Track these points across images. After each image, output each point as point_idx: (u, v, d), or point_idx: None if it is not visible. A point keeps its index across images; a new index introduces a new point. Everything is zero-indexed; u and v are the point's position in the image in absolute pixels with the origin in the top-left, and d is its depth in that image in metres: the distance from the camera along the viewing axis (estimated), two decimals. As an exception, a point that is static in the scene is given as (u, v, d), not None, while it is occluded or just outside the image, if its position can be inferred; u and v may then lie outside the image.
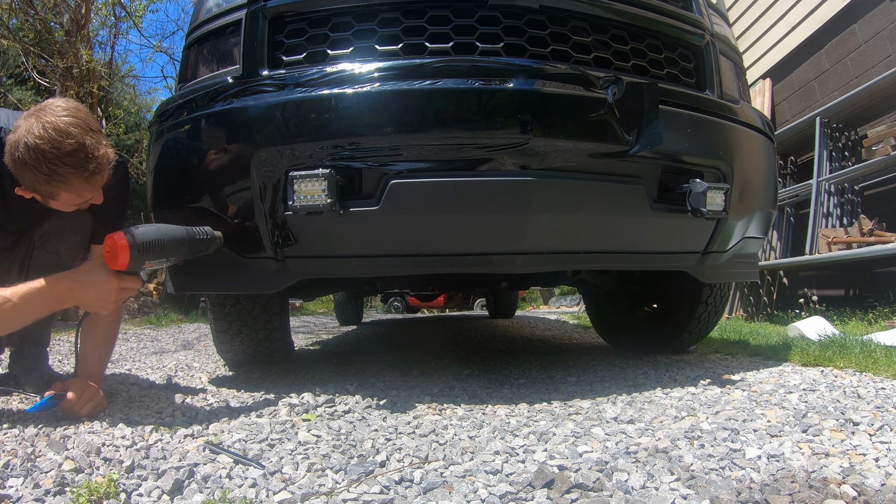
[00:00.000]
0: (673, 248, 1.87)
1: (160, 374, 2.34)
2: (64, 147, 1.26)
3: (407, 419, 1.49)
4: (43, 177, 1.28)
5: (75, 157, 1.28)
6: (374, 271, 1.94)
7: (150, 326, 5.91)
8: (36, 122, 1.26)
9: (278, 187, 1.53)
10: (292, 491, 1.00)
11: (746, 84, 2.24)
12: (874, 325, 3.46)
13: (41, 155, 1.25)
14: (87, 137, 1.29)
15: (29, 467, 1.07)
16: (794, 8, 5.32)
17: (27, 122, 1.27)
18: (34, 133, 1.25)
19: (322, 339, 4.56)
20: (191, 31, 1.85)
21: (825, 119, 4.69)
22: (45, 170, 1.27)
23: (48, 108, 1.30)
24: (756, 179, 1.96)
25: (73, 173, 1.29)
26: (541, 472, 1.02)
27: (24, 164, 1.27)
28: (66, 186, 1.32)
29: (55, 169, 1.27)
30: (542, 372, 2.20)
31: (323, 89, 1.50)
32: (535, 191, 1.52)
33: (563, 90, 1.51)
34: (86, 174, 1.31)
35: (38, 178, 1.29)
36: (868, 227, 4.10)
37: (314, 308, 12.34)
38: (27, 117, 1.29)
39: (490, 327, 5.48)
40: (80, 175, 1.30)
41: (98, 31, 10.91)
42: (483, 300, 11.04)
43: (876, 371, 1.84)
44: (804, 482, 0.94)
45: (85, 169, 1.30)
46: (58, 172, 1.28)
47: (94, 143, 1.31)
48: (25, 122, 1.28)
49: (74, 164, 1.28)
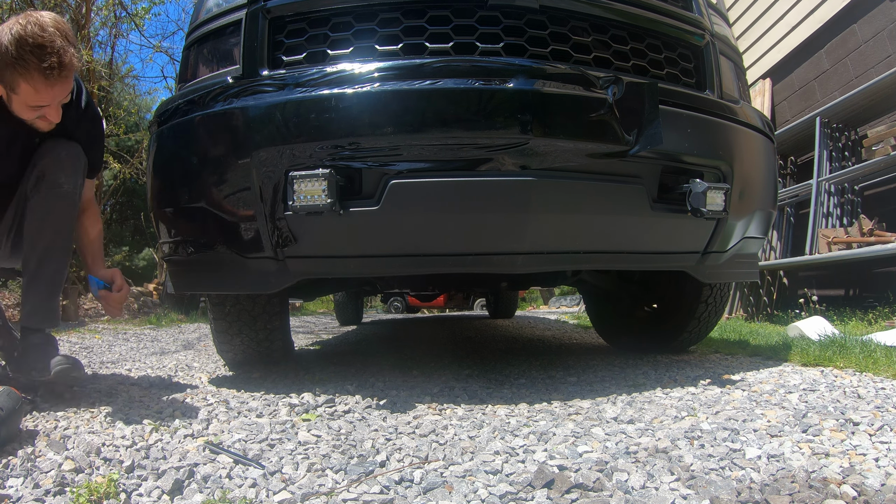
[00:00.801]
0: (673, 248, 1.87)
1: (160, 374, 2.34)
2: (37, 39, 1.38)
3: (407, 419, 1.49)
4: (10, 60, 1.38)
5: (43, 50, 1.39)
6: (375, 271, 1.94)
7: (150, 326, 5.92)
8: (26, 18, 1.40)
9: (278, 187, 1.53)
10: (292, 491, 1.00)
11: (746, 84, 2.24)
12: (874, 325, 3.46)
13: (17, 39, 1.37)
14: (59, 39, 1.41)
15: (29, 467, 1.07)
16: (794, 8, 5.32)
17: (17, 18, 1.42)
18: (20, 23, 1.39)
19: (322, 339, 4.56)
20: (191, 31, 1.85)
21: (825, 119, 4.69)
22: (14, 53, 1.38)
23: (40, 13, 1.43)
24: (756, 179, 1.96)
25: (36, 65, 1.39)
26: (541, 472, 1.02)
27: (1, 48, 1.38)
28: (28, 76, 1.41)
29: (23, 55, 1.38)
30: (542, 372, 2.20)
31: (323, 89, 1.50)
32: (535, 191, 1.52)
33: (563, 90, 1.51)
34: (47, 69, 1.40)
35: (5, 62, 1.39)
36: (868, 227, 4.10)
37: (314, 308, 12.34)
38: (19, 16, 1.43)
39: (490, 327, 5.48)
40: (41, 70, 1.40)
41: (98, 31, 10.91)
42: (483, 300, 11.04)
43: (876, 371, 1.84)
44: (804, 482, 0.94)
45: (47, 63, 1.39)
46: (24, 59, 1.38)
47: (63, 46, 1.42)
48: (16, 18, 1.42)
49: (40, 56, 1.39)
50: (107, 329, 5.32)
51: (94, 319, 6.41)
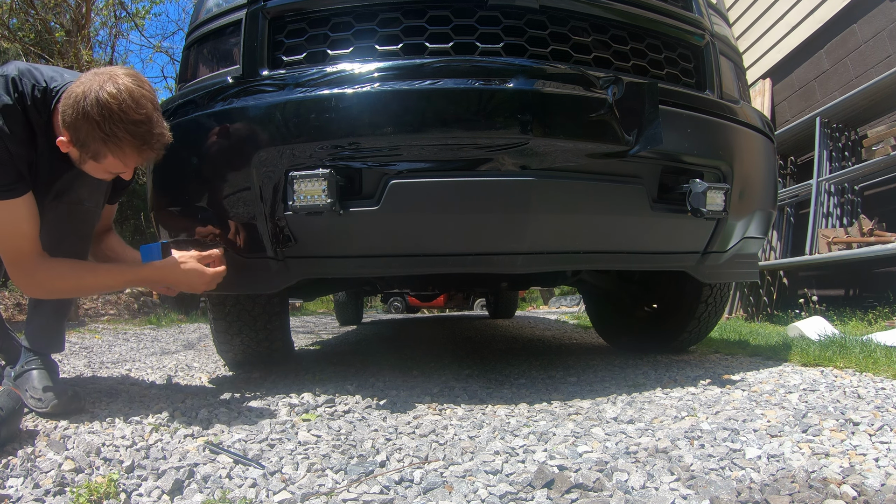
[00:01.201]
0: (673, 248, 1.87)
1: (160, 374, 2.34)
2: (132, 115, 1.28)
3: (407, 419, 1.49)
4: (101, 135, 1.28)
5: (140, 127, 1.29)
6: (375, 271, 1.94)
7: (150, 326, 5.92)
8: (111, 81, 1.27)
9: (278, 187, 1.53)
10: (292, 491, 1.00)
11: (746, 84, 2.24)
12: (874, 325, 3.46)
13: (109, 113, 1.26)
14: (155, 113, 1.33)
15: (29, 467, 1.07)
16: (794, 8, 5.32)
17: (99, 78, 1.28)
18: (107, 90, 1.26)
19: (322, 339, 4.56)
20: (191, 31, 1.84)
21: (825, 119, 4.69)
22: (106, 128, 1.27)
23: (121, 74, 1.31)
24: (756, 179, 1.96)
25: (130, 142, 1.31)
26: (541, 472, 1.02)
27: (87, 117, 1.27)
28: (118, 152, 1.33)
29: (116, 132, 1.28)
30: (542, 372, 2.20)
31: (323, 89, 1.50)
32: (535, 191, 1.52)
33: (563, 90, 1.51)
34: (142, 146, 1.33)
35: (94, 135, 1.29)
36: (868, 227, 4.10)
37: (314, 308, 12.34)
38: (97, 74, 1.30)
39: (490, 327, 5.48)
40: (136, 145, 1.32)
41: (98, 31, 10.91)
42: (483, 300, 11.04)
43: (876, 371, 1.84)
44: (804, 482, 0.94)
45: (144, 141, 1.32)
46: (117, 136, 1.29)
47: (159, 121, 1.34)
48: (97, 78, 1.28)
49: (136, 133, 1.30)
50: (107, 329, 5.32)
51: (95, 319, 6.41)
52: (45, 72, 1.45)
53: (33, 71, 1.42)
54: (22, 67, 1.42)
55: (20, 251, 1.40)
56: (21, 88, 1.37)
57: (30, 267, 1.42)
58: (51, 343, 1.62)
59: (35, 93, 1.39)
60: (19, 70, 1.40)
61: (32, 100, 1.38)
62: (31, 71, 1.42)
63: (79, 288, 1.56)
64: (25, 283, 1.46)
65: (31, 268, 1.42)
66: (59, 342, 1.67)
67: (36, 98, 1.39)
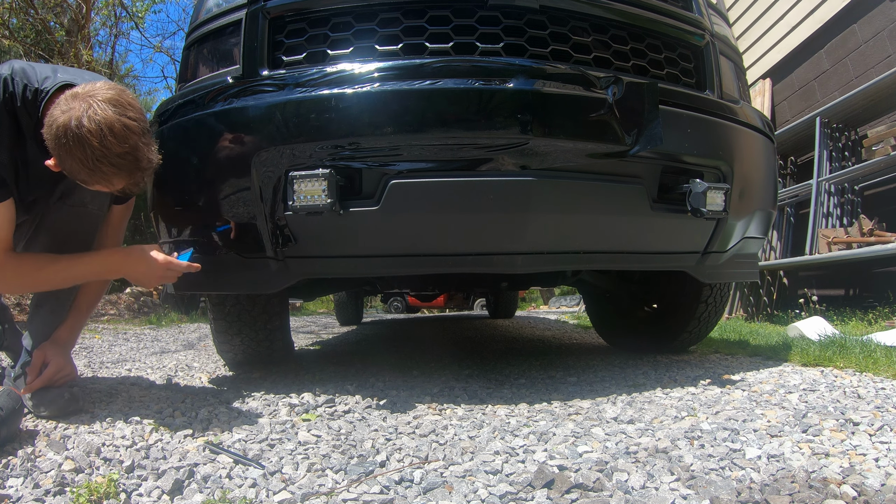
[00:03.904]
0: (673, 248, 1.87)
1: (160, 374, 2.34)
2: (115, 149, 1.23)
3: (407, 419, 1.49)
4: (85, 169, 1.25)
5: (125, 158, 1.25)
6: (375, 271, 1.94)
7: (150, 326, 5.92)
8: (89, 113, 1.21)
9: (278, 187, 1.53)
10: (292, 491, 1.00)
11: (746, 84, 2.23)
12: (874, 325, 3.46)
13: (91, 151, 1.21)
14: (140, 141, 1.27)
15: (29, 467, 1.07)
16: (794, 8, 5.32)
17: (78, 108, 1.21)
18: (86, 126, 1.20)
19: (322, 339, 4.56)
20: (191, 31, 1.84)
21: (825, 119, 4.69)
22: (90, 164, 1.23)
23: (101, 101, 1.23)
24: (756, 179, 1.96)
25: (116, 173, 1.27)
26: (541, 472, 1.02)
27: (69, 153, 1.23)
28: (104, 182, 1.30)
29: (100, 167, 1.24)
30: (542, 372, 2.20)
31: (323, 89, 1.50)
32: (535, 191, 1.52)
33: (563, 90, 1.51)
34: (130, 175, 1.30)
35: (78, 168, 1.25)
36: (868, 227, 4.10)
37: (314, 308, 12.34)
38: (76, 98, 1.23)
39: (490, 327, 5.48)
40: (122, 175, 1.29)
41: (98, 30, 10.92)
42: (483, 300, 11.03)
43: (876, 371, 1.84)
44: (804, 482, 0.94)
45: (130, 172, 1.29)
46: (102, 170, 1.25)
47: (145, 148, 1.28)
48: (76, 107, 1.22)
49: (121, 165, 1.26)
50: (107, 329, 5.32)
51: (95, 319, 6.41)
52: (39, 71, 1.40)
53: (28, 70, 1.38)
54: (17, 67, 1.38)
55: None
56: (12, 89, 1.34)
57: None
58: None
59: (26, 94, 1.35)
60: (13, 69, 1.37)
61: (23, 101, 1.35)
62: (26, 70, 1.38)
63: (43, 280, 1.47)
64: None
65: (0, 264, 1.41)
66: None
67: (27, 99, 1.35)
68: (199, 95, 1.65)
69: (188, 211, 1.74)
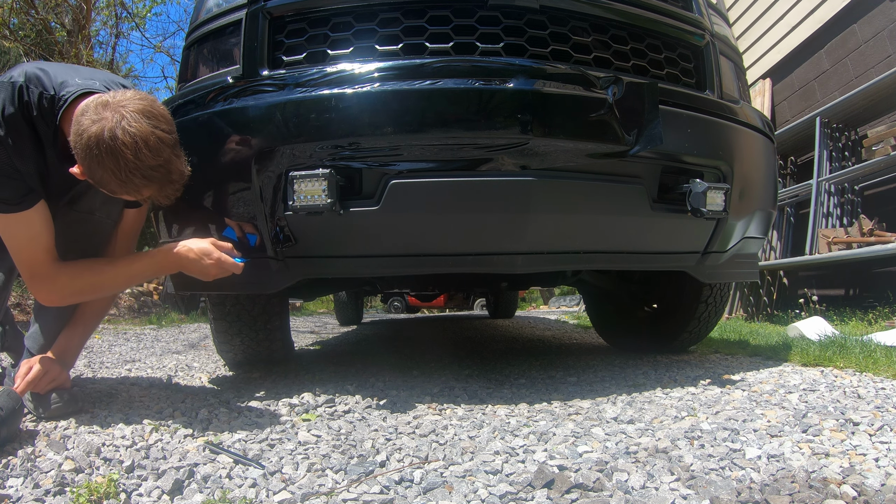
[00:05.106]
0: (673, 248, 1.87)
1: (160, 374, 2.34)
2: (149, 161, 1.21)
3: (407, 419, 1.49)
4: (116, 181, 1.23)
5: (157, 171, 1.24)
6: (375, 271, 1.94)
7: (150, 326, 5.92)
8: (123, 125, 1.19)
9: (278, 187, 1.53)
10: (292, 491, 1.00)
11: (746, 84, 2.23)
12: (874, 325, 3.46)
13: (125, 163, 1.20)
14: (173, 154, 1.26)
15: (29, 467, 1.07)
16: (794, 8, 5.32)
17: (110, 118, 1.19)
18: (121, 139, 1.18)
19: (322, 339, 4.56)
20: (191, 31, 1.84)
21: (825, 119, 4.69)
22: (122, 176, 1.22)
23: (133, 112, 1.21)
24: (756, 179, 1.96)
25: (147, 185, 1.26)
26: (541, 472, 1.02)
27: (101, 164, 1.21)
28: (134, 193, 1.28)
29: (133, 179, 1.22)
30: (542, 372, 2.20)
31: (323, 89, 1.50)
32: (535, 191, 1.52)
33: (563, 90, 1.51)
34: (161, 188, 1.29)
35: (109, 179, 1.23)
36: (868, 227, 4.09)
37: (314, 308, 12.34)
38: (106, 108, 1.21)
39: (490, 327, 5.48)
40: (154, 188, 1.28)
41: (99, 31, 10.92)
42: (483, 300, 11.04)
43: (876, 371, 1.84)
44: (804, 482, 0.94)
45: (161, 185, 1.28)
46: (133, 182, 1.23)
47: (177, 159, 1.28)
48: (107, 117, 1.19)
49: (153, 177, 1.25)
50: (107, 329, 5.32)
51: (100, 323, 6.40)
52: (54, 76, 1.36)
53: (41, 76, 1.34)
54: (30, 73, 1.33)
55: (38, 260, 1.37)
56: (27, 98, 1.30)
57: (50, 274, 1.38)
58: (50, 345, 1.58)
59: (42, 102, 1.31)
60: (27, 76, 1.32)
61: (39, 109, 1.30)
62: (40, 77, 1.34)
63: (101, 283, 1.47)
64: (47, 291, 1.42)
65: (52, 274, 1.39)
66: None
67: (43, 107, 1.31)
68: (199, 95, 1.65)
69: (188, 211, 1.74)
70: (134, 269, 1.50)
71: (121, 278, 1.50)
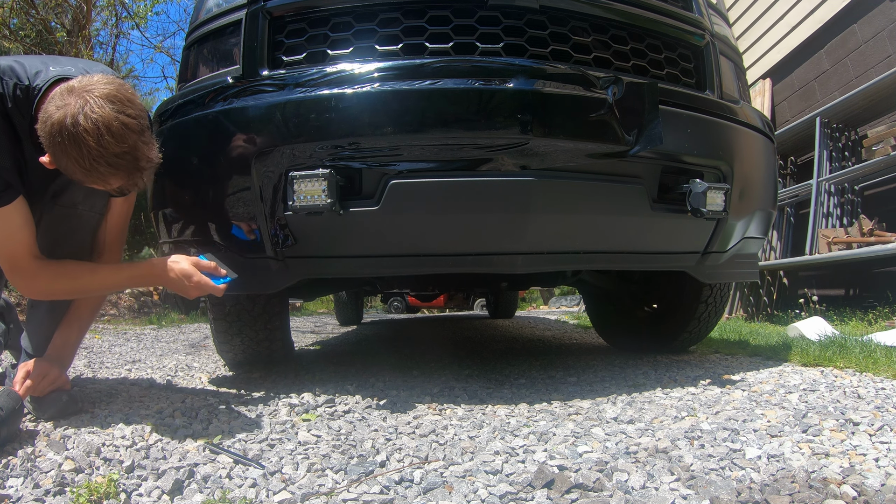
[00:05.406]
0: (673, 249, 1.87)
1: (160, 374, 2.34)
2: (113, 149, 1.16)
3: (407, 419, 1.49)
4: (81, 169, 1.19)
5: (123, 158, 1.19)
6: (375, 271, 1.94)
7: (150, 326, 5.91)
8: (85, 110, 1.14)
9: (278, 187, 1.53)
10: (292, 491, 1.00)
11: (746, 84, 2.23)
12: (874, 325, 3.46)
13: (88, 150, 1.15)
14: (139, 140, 1.21)
15: (29, 467, 1.07)
16: (794, 8, 5.32)
17: (73, 104, 1.15)
18: (82, 125, 1.13)
19: (322, 339, 4.56)
20: (191, 32, 1.84)
21: (825, 119, 4.69)
22: (86, 164, 1.17)
23: (98, 97, 1.16)
24: (756, 179, 1.96)
25: (114, 173, 1.21)
26: (541, 472, 1.02)
27: (65, 152, 1.17)
28: (101, 182, 1.24)
29: (97, 167, 1.18)
30: (542, 372, 2.20)
31: (323, 89, 1.50)
32: (535, 191, 1.52)
33: (563, 90, 1.51)
34: (128, 176, 1.24)
35: (74, 168, 1.20)
36: (868, 227, 4.10)
37: (314, 308, 12.34)
38: (71, 94, 1.17)
39: (490, 327, 5.48)
40: (120, 175, 1.23)
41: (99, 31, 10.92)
42: (483, 300, 11.03)
43: (876, 371, 1.84)
44: (804, 482, 0.94)
45: (128, 172, 1.23)
46: (98, 171, 1.19)
47: (145, 146, 1.22)
48: (71, 103, 1.15)
49: (119, 165, 1.20)
50: (107, 329, 5.32)
51: (95, 319, 6.41)
52: (29, 66, 1.32)
53: (16, 67, 1.30)
54: (3, 65, 1.30)
55: (17, 257, 1.36)
56: (2, 90, 1.27)
57: (29, 271, 1.38)
58: (46, 343, 1.57)
59: (17, 93, 1.28)
60: (0, 68, 1.29)
61: (14, 101, 1.28)
62: (14, 67, 1.30)
63: (79, 288, 1.47)
64: (27, 287, 1.43)
65: (31, 272, 1.38)
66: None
67: (18, 98, 1.28)
68: (199, 95, 1.65)
69: (188, 211, 1.74)
70: (115, 279, 1.51)
71: (100, 286, 1.51)
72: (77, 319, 1.56)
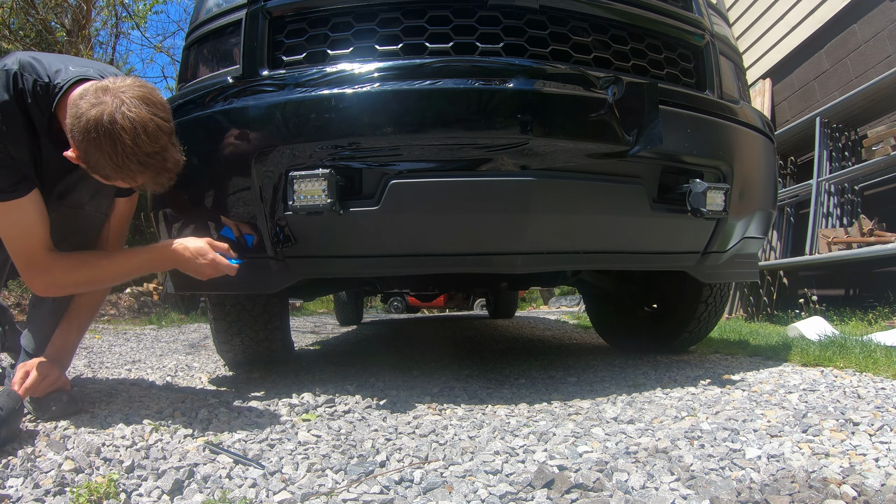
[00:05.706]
0: (673, 248, 1.87)
1: (160, 374, 2.34)
2: (146, 147, 1.22)
3: (407, 419, 1.49)
4: (112, 165, 1.23)
5: (153, 158, 1.24)
6: (375, 271, 1.94)
7: (150, 326, 5.92)
8: (122, 109, 1.19)
9: (278, 187, 1.53)
10: (292, 491, 1.00)
11: (746, 84, 2.23)
12: (874, 325, 3.46)
13: (122, 147, 1.20)
14: (169, 142, 1.27)
15: (29, 467, 1.07)
16: (794, 8, 5.32)
17: (109, 102, 1.20)
18: (120, 123, 1.19)
19: (322, 339, 4.56)
20: (191, 31, 1.84)
21: (825, 119, 4.69)
22: (117, 160, 1.22)
23: (131, 98, 1.21)
24: (756, 179, 1.96)
25: (142, 171, 1.26)
26: (541, 472, 1.02)
27: (98, 147, 1.21)
28: (129, 179, 1.28)
29: (128, 164, 1.22)
30: (542, 372, 2.20)
31: (323, 89, 1.50)
32: (535, 191, 1.52)
33: (563, 90, 1.51)
34: (156, 175, 1.29)
35: (104, 163, 1.23)
36: (868, 227, 4.09)
37: (314, 308, 12.34)
38: (105, 92, 1.21)
39: (490, 327, 5.48)
40: (149, 175, 1.28)
41: (99, 31, 10.92)
42: (483, 300, 11.03)
43: (876, 371, 1.84)
44: (804, 482, 0.94)
45: (157, 172, 1.28)
46: (129, 168, 1.23)
47: (172, 148, 1.28)
48: (106, 101, 1.20)
49: (149, 164, 1.25)
50: (107, 329, 5.32)
51: (95, 319, 6.40)
52: (48, 64, 1.36)
53: (35, 64, 1.34)
54: (24, 60, 1.33)
55: (33, 251, 1.37)
56: (21, 85, 1.30)
57: (44, 264, 1.38)
58: (45, 343, 1.56)
59: (37, 89, 1.31)
60: (21, 63, 1.32)
61: (34, 96, 1.32)
62: (34, 64, 1.34)
63: (97, 277, 1.47)
64: (42, 282, 1.42)
65: (46, 265, 1.38)
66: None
67: (38, 94, 1.31)
68: (199, 95, 1.65)
69: (188, 211, 1.74)
70: (130, 264, 1.51)
71: (117, 272, 1.51)
72: (77, 319, 1.56)
